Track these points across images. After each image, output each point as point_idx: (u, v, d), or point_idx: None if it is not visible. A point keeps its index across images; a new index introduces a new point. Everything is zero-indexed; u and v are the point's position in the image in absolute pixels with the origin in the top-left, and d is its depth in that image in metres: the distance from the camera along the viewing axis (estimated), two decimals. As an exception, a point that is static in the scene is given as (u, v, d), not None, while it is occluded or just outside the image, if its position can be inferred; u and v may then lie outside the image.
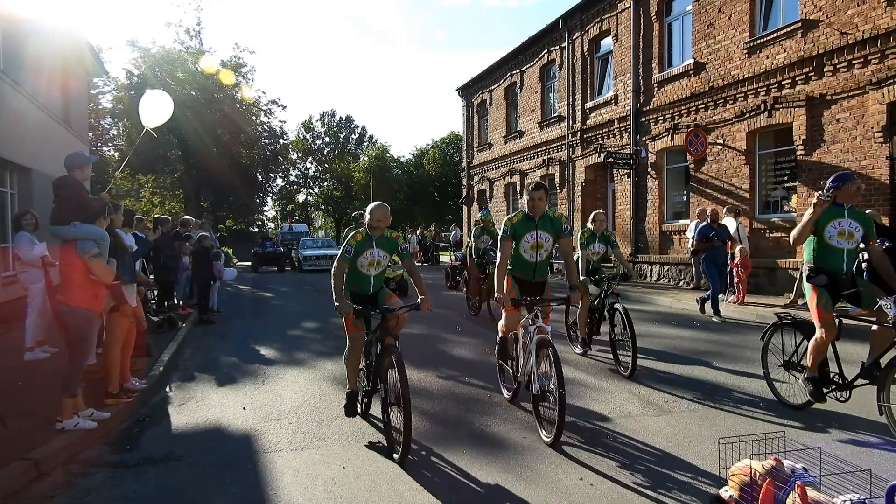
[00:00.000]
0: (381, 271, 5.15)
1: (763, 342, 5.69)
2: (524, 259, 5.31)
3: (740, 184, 13.61)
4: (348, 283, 5.02)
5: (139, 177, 36.09)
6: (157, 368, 7.05)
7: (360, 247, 4.92)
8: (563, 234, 5.30)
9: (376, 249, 4.99)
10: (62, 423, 4.73)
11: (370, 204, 5.10)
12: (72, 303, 4.89)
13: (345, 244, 4.99)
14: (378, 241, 4.99)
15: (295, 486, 3.93)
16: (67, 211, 5.20)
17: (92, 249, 4.90)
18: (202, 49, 33.61)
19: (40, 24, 12.57)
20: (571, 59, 19.80)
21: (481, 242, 11.03)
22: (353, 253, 4.91)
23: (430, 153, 54.65)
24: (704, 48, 14.44)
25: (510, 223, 5.22)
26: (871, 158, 10.74)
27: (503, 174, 24.71)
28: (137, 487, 3.97)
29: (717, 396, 5.82)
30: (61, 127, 14.67)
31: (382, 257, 5.06)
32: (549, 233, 5.26)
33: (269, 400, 6.07)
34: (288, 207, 55.80)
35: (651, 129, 16.38)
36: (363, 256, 4.95)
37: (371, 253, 4.97)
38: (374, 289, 5.15)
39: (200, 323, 10.95)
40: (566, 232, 5.33)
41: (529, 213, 5.23)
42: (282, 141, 41.22)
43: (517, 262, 5.34)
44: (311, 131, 56.31)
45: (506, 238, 5.20)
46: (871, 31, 10.62)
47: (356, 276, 5.05)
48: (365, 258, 4.96)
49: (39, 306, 7.32)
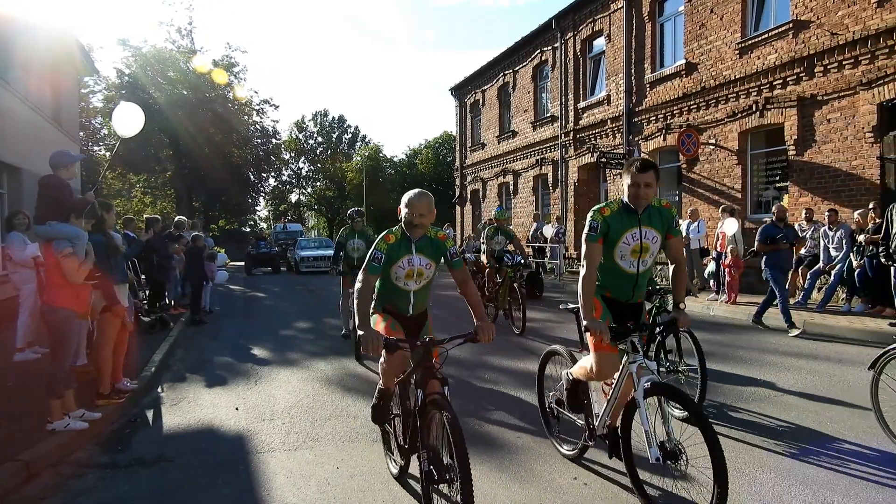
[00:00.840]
0: (426, 285, 3.88)
1: (874, 372, 4.36)
2: (620, 269, 3.75)
3: (732, 184, 13.67)
4: (379, 302, 3.85)
5: (130, 176, 35.93)
6: (149, 369, 7.01)
7: (393, 252, 3.66)
8: (672, 230, 3.81)
9: (416, 255, 3.71)
10: (53, 425, 4.70)
11: (407, 192, 3.79)
12: (52, 303, 4.86)
13: (373, 249, 3.65)
14: (419, 245, 3.72)
15: (288, 487, 3.92)
16: (48, 210, 5.17)
17: (65, 249, 4.86)
18: (194, 48, 33.48)
19: (30, 24, 12.49)
20: (564, 59, 19.83)
21: (496, 244, 10.19)
22: (385, 260, 3.64)
23: (423, 153, 54.61)
24: (696, 48, 14.49)
25: (600, 216, 3.68)
26: (862, 158, 10.81)
27: (496, 174, 24.73)
28: (129, 489, 3.94)
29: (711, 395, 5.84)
30: (52, 126, 14.58)
31: (426, 266, 3.77)
32: (657, 230, 3.73)
33: (262, 400, 6.04)
34: (280, 207, 55.65)
35: (643, 129, 16.43)
36: (399, 265, 3.70)
37: (410, 260, 3.70)
38: (414, 309, 3.87)
39: (192, 323, 10.91)
40: (676, 228, 3.84)
41: (630, 203, 3.67)
42: (274, 141, 41.08)
43: (608, 274, 3.78)
44: (303, 131, 56.18)
45: (594, 238, 3.67)
46: (861, 31, 10.69)
47: (390, 291, 3.82)
48: (401, 267, 3.71)
49: (31, 307, 7.27)
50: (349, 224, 8.80)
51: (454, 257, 3.81)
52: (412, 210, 3.66)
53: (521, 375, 6.65)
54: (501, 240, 10.17)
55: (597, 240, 3.69)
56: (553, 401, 4.39)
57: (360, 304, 3.53)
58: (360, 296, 3.56)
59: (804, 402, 5.48)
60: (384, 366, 3.77)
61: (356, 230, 8.65)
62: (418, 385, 3.36)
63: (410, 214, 3.66)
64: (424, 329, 3.92)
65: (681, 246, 3.98)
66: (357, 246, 8.59)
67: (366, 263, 3.64)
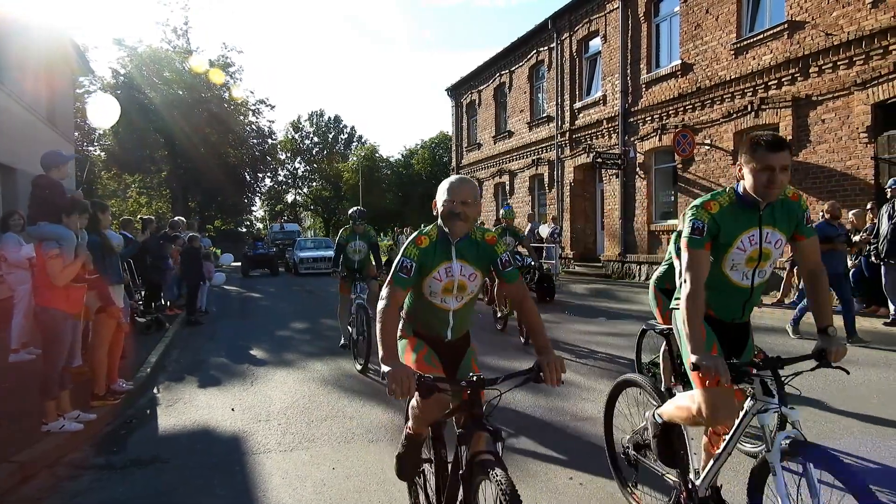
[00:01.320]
0: (469, 302, 2.99)
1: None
2: (729, 282, 2.81)
3: (727, 184, 13.65)
4: (409, 324, 3.02)
5: (126, 177, 35.85)
6: (145, 370, 7.00)
7: (427, 258, 2.81)
8: (802, 229, 2.82)
9: (458, 263, 2.86)
10: (47, 426, 4.68)
11: (444, 181, 2.90)
12: (44, 303, 4.84)
13: (400, 256, 2.80)
14: (461, 248, 2.87)
15: (284, 488, 3.91)
16: (39, 211, 5.16)
17: (52, 250, 4.84)
18: (189, 48, 33.45)
19: (25, 23, 12.44)
20: (560, 59, 19.86)
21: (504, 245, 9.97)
22: (416, 270, 2.78)
23: (419, 153, 54.60)
24: (692, 49, 14.53)
25: (706, 214, 2.70)
26: (857, 159, 10.85)
27: (492, 174, 24.75)
28: (125, 490, 3.93)
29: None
30: (46, 126, 14.53)
31: (470, 277, 2.90)
32: (782, 231, 2.78)
33: (258, 401, 6.04)
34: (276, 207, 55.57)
35: (639, 129, 16.47)
36: (434, 276, 2.83)
37: (449, 270, 2.85)
38: (454, 333, 3.00)
39: (188, 324, 10.88)
40: (808, 226, 2.84)
41: (757, 194, 2.69)
42: (270, 141, 41.09)
43: (713, 288, 2.77)
44: (299, 131, 56.14)
45: (699, 243, 2.67)
46: (855, 32, 10.73)
47: (422, 309, 2.96)
48: (437, 279, 2.84)
49: (25, 308, 7.25)
50: (350, 225, 8.09)
51: (507, 266, 2.90)
52: (453, 197, 2.76)
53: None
54: (510, 241, 9.60)
55: (703, 245, 2.69)
56: (630, 445, 3.37)
57: (384, 329, 2.60)
58: (384, 318, 2.64)
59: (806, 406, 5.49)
60: (415, 410, 2.89)
61: (357, 231, 8.01)
62: (462, 441, 2.54)
63: (450, 203, 2.76)
64: (466, 359, 3.05)
65: (816, 249, 2.87)
66: (358, 248, 8.00)
67: (391, 274, 2.78)
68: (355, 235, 7.98)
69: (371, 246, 8.05)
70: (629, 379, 3.54)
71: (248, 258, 24.60)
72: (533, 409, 5.46)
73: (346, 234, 8.03)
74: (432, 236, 2.86)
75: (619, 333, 9.12)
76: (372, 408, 5.67)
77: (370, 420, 5.29)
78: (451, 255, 2.86)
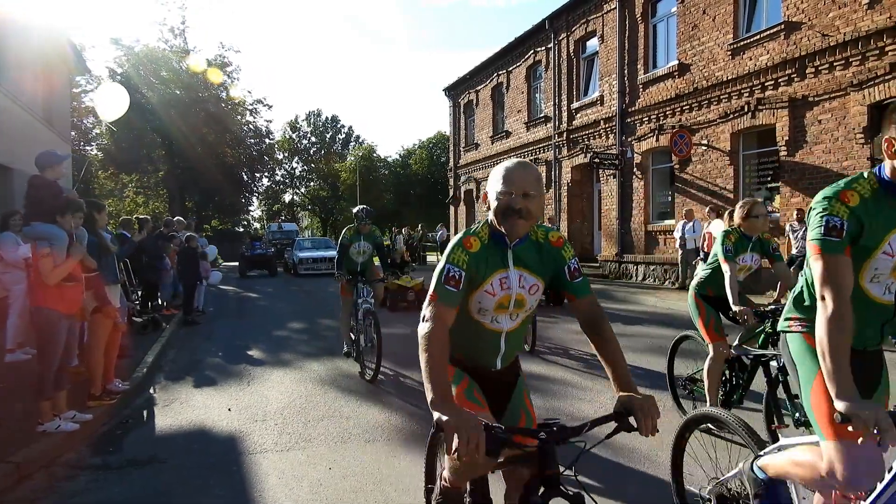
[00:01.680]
0: (525, 320, 2.42)
1: None
2: (868, 297, 2.19)
3: (724, 184, 13.74)
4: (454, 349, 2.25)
5: (122, 176, 35.79)
6: (141, 370, 6.99)
7: (478, 266, 2.20)
8: None
9: (515, 271, 2.26)
10: (43, 426, 4.67)
11: (498, 166, 2.26)
12: (39, 303, 4.84)
13: (444, 264, 2.18)
14: (520, 252, 2.27)
15: (280, 488, 3.91)
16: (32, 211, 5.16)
17: (43, 249, 4.84)
18: (187, 48, 33.40)
19: (21, 23, 12.42)
20: (557, 59, 19.89)
21: None
22: (465, 281, 2.16)
23: (416, 153, 54.60)
24: (689, 49, 14.55)
25: (844, 209, 2.07)
26: (853, 159, 10.88)
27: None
28: (122, 490, 3.93)
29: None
30: (43, 126, 14.51)
31: (530, 289, 2.30)
32: None
33: (255, 401, 6.03)
34: (274, 207, 55.53)
35: (636, 129, 16.49)
36: (485, 290, 2.23)
37: (505, 281, 2.24)
38: (504, 361, 2.41)
39: (185, 324, 10.87)
40: None
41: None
42: (267, 140, 41.03)
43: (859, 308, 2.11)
44: (297, 131, 56.09)
45: (839, 247, 2.04)
46: (852, 33, 10.76)
47: (465, 332, 2.30)
48: (489, 293, 2.24)
49: (20, 307, 7.24)
50: (354, 224, 7.45)
51: (576, 276, 2.29)
52: (510, 187, 2.13)
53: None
54: None
55: (843, 248, 2.03)
56: (712, 497, 2.73)
57: (433, 361, 1.96)
58: (430, 347, 1.99)
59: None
60: (455, 461, 2.21)
61: (363, 232, 7.41)
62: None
63: (507, 196, 2.13)
64: (517, 394, 2.45)
65: None
66: (362, 249, 7.48)
67: (434, 287, 2.13)
68: (360, 236, 7.44)
69: (376, 247, 7.64)
70: (709, 414, 2.85)
71: (246, 258, 23.75)
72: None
73: (350, 235, 7.45)
74: (483, 238, 2.25)
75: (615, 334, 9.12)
76: (369, 408, 5.67)
77: (367, 420, 5.29)
78: (508, 262, 2.25)
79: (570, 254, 2.34)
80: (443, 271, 2.15)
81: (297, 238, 29.43)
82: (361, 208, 7.52)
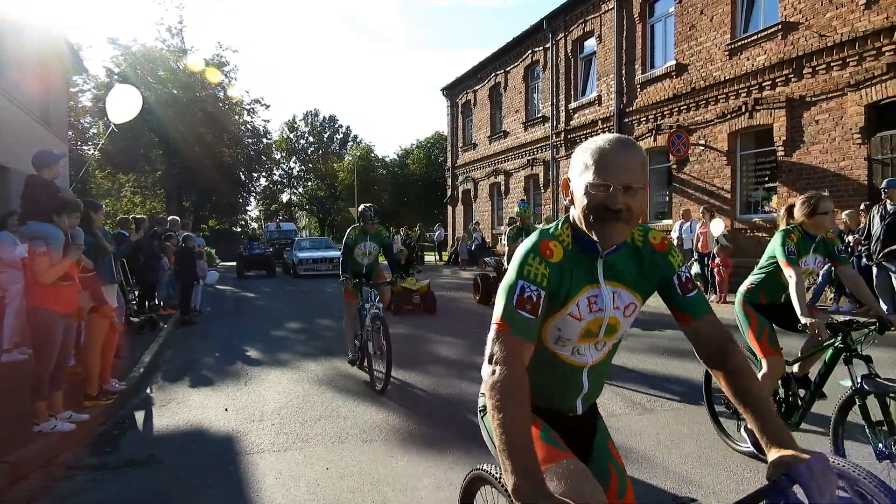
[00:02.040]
0: (612, 350, 1.92)
1: None
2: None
3: (722, 184, 13.76)
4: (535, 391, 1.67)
5: (120, 176, 35.73)
6: (138, 370, 6.98)
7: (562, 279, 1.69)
8: None
9: (608, 287, 1.75)
10: (39, 426, 4.66)
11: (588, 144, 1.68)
12: (35, 303, 4.82)
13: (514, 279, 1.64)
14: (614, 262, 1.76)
15: (278, 488, 3.91)
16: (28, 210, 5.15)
17: (40, 248, 4.83)
18: (184, 48, 33.36)
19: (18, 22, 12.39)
20: (555, 59, 19.90)
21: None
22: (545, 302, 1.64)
23: (414, 153, 54.61)
24: (686, 50, 14.57)
25: None
26: (850, 160, 10.90)
27: (488, 174, 24.77)
28: (119, 490, 3.92)
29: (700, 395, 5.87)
30: (40, 125, 14.47)
31: (625, 310, 1.79)
32: None
33: (252, 401, 6.02)
34: (272, 207, 55.49)
35: (634, 129, 16.50)
36: (568, 314, 1.73)
37: (595, 300, 1.74)
38: (584, 403, 1.93)
39: (182, 323, 10.85)
40: None
41: None
42: (265, 140, 40.98)
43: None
44: (294, 131, 56.07)
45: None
46: (849, 33, 10.78)
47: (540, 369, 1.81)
48: (574, 317, 1.73)
49: (17, 307, 7.22)
50: (359, 224, 7.06)
51: (688, 289, 1.76)
52: (607, 176, 1.58)
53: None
54: None
55: None
56: None
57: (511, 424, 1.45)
58: (506, 402, 1.49)
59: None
60: None
61: (369, 232, 6.99)
62: None
63: (602, 190, 1.59)
64: (600, 441, 1.96)
65: None
66: (368, 250, 7.05)
67: (502, 314, 1.60)
68: (366, 236, 7.00)
69: (383, 247, 7.21)
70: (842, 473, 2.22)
71: (244, 258, 23.03)
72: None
73: (355, 235, 7.01)
74: (565, 242, 1.68)
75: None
76: (366, 408, 5.66)
77: (364, 420, 5.28)
78: (598, 276, 1.70)
79: (679, 260, 1.79)
80: (513, 289, 1.59)
81: (296, 238, 29.02)
82: (369, 206, 7.11)
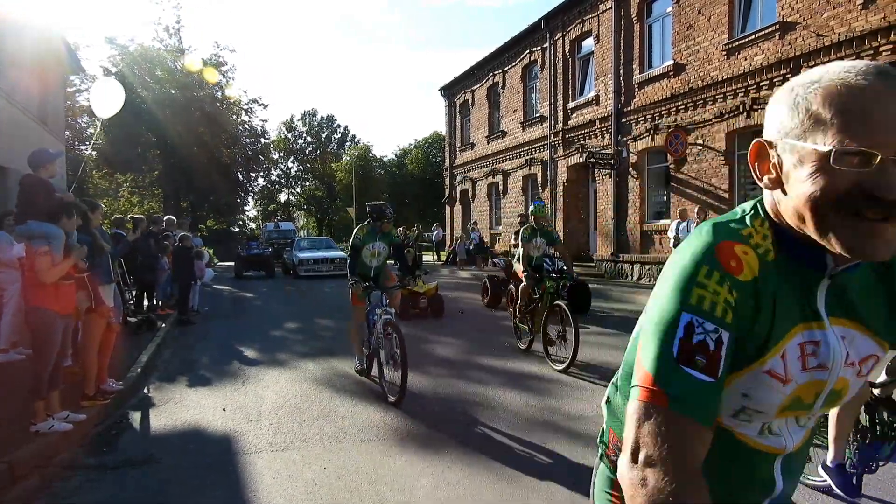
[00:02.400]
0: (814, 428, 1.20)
1: None
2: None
3: (720, 184, 13.77)
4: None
5: (117, 176, 35.68)
6: (136, 369, 6.96)
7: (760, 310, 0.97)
8: None
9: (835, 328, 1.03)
10: (36, 426, 4.65)
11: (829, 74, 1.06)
12: (33, 302, 4.82)
13: (673, 311, 0.94)
14: (846, 284, 1.03)
15: (275, 488, 3.91)
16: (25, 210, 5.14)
17: (41, 247, 4.82)
18: (181, 47, 33.33)
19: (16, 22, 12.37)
20: (553, 59, 19.90)
21: (534, 248, 7.87)
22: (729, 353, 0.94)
23: (412, 153, 54.64)
24: (684, 49, 14.58)
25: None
26: (847, 159, 10.92)
27: (486, 174, 24.77)
28: (117, 490, 3.92)
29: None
30: (37, 125, 14.46)
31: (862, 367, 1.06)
32: None
33: (250, 401, 6.02)
34: (270, 207, 55.45)
35: (632, 129, 16.51)
36: (770, 369, 0.99)
37: (815, 349, 1.01)
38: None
39: (180, 323, 10.84)
40: None
41: None
42: (263, 140, 40.94)
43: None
44: (292, 130, 56.03)
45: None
46: (846, 33, 10.80)
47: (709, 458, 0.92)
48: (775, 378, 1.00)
49: (15, 307, 7.21)
50: (367, 223, 6.58)
51: None
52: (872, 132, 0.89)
53: (513, 376, 6.67)
54: (541, 243, 7.83)
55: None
56: None
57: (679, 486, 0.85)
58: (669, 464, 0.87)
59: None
60: None
61: (380, 231, 6.56)
62: None
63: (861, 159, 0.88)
64: None
65: None
66: (377, 251, 6.58)
67: (653, 369, 0.94)
68: (375, 236, 6.54)
69: (394, 248, 6.74)
70: None
71: (242, 258, 22.45)
72: (525, 409, 5.47)
73: (364, 235, 6.50)
74: (762, 247, 1.03)
75: (610, 333, 9.15)
76: (364, 407, 5.66)
77: (362, 420, 5.29)
78: (818, 308, 1.04)
79: None
80: (672, 328, 0.95)
81: (295, 238, 28.43)
82: (376, 204, 6.71)
